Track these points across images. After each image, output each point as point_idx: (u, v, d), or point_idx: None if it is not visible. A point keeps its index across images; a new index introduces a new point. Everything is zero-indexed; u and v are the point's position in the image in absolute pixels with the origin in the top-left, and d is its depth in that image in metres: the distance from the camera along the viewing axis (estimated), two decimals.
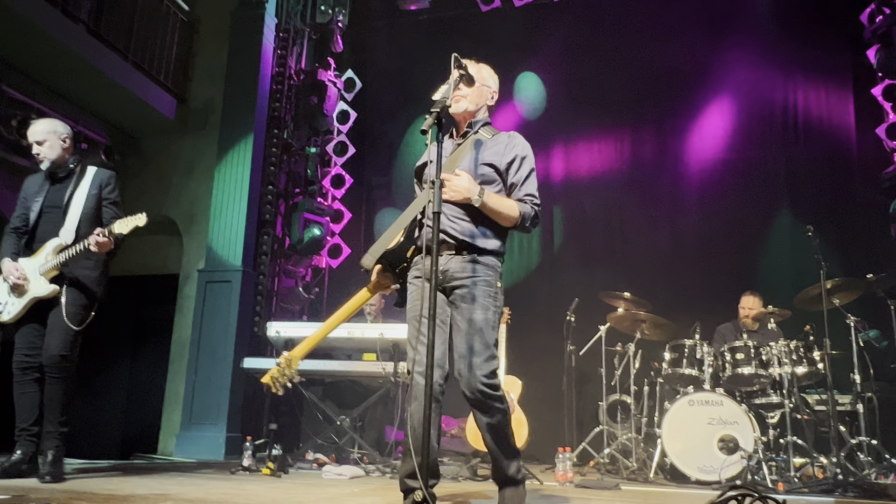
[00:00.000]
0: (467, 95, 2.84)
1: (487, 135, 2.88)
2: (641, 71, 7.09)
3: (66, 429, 3.69)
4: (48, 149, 3.88)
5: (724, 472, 4.46)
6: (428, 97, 2.60)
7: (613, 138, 7.26)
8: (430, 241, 2.66)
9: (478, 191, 2.68)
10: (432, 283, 2.40)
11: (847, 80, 6.59)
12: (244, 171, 6.71)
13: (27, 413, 3.72)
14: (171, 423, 6.43)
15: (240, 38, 7.08)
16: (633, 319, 5.49)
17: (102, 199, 3.87)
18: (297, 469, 4.85)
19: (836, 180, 6.47)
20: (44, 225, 3.81)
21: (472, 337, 2.63)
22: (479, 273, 2.71)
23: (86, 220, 3.79)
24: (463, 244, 2.73)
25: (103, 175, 3.93)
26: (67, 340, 3.65)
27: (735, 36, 6.93)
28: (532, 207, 2.80)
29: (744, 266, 6.52)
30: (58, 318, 3.66)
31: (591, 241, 6.99)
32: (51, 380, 3.66)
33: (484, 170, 2.78)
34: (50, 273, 3.70)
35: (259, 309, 6.70)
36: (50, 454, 3.60)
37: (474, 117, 2.91)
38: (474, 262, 2.72)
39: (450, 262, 2.73)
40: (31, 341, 3.76)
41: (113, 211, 3.86)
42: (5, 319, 3.77)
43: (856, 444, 4.68)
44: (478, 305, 2.67)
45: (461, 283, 2.70)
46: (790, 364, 4.78)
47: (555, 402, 5.90)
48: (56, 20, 5.60)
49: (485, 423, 2.66)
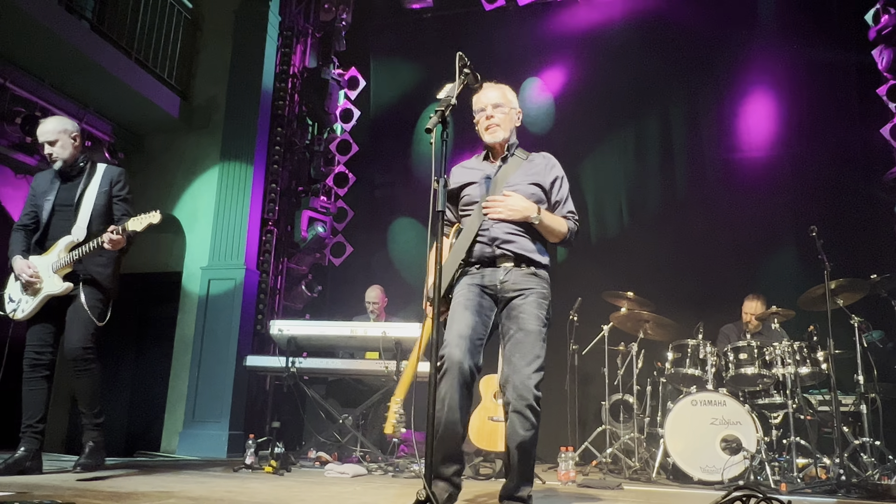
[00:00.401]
0: (501, 123, 2.95)
1: (523, 156, 3.02)
2: (646, 70, 7.07)
3: (100, 419, 3.78)
4: (60, 148, 3.90)
5: (726, 473, 4.46)
6: (432, 95, 2.60)
7: (617, 137, 7.24)
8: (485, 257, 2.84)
9: (535, 209, 2.83)
10: (435, 294, 2.41)
11: (852, 80, 6.57)
12: (247, 169, 6.72)
13: (33, 410, 3.75)
14: (175, 421, 6.44)
15: (243, 36, 7.09)
16: (637, 319, 5.48)
17: (113, 196, 3.90)
18: (299, 467, 4.85)
19: (840, 180, 6.45)
20: (56, 223, 3.84)
21: (525, 346, 2.70)
22: (536, 286, 2.82)
23: (97, 217, 3.82)
24: (521, 259, 2.84)
25: (113, 172, 3.95)
26: (88, 333, 3.72)
27: (739, 36, 6.91)
28: (574, 223, 2.98)
29: (748, 266, 6.50)
30: (78, 313, 3.71)
31: (595, 240, 6.98)
32: (77, 374, 3.74)
33: (534, 189, 2.93)
34: (63, 270, 3.73)
35: (262, 307, 6.71)
36: (87, 447, 3.70)
37: (509, 141, 3.02)
38: (533, 274, 2.84)
39: (509, 274, 2.83)
40: (42, 339, 3.79)
41: (123, 207, 3.90)
42: (19, 317, 3.80)
43: (859, 444, 4.67)
44: (533, 316, 2.75)
45: (519, 292, 2.80)
46: (793, 364, 4.77)
47: (557, 401, 5.89)
48: (60, 17, 5.61)
49: (519, 436, 2.65)
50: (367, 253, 7.56)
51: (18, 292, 3.82)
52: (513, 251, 2.83)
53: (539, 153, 3.06)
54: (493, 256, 2.85)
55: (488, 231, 2.85)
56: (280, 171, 7.08)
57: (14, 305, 3.82)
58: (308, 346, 5.33)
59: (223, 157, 6.80)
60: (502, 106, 2.97)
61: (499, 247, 2.83)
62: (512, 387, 2.67)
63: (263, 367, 5.39)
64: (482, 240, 2.86)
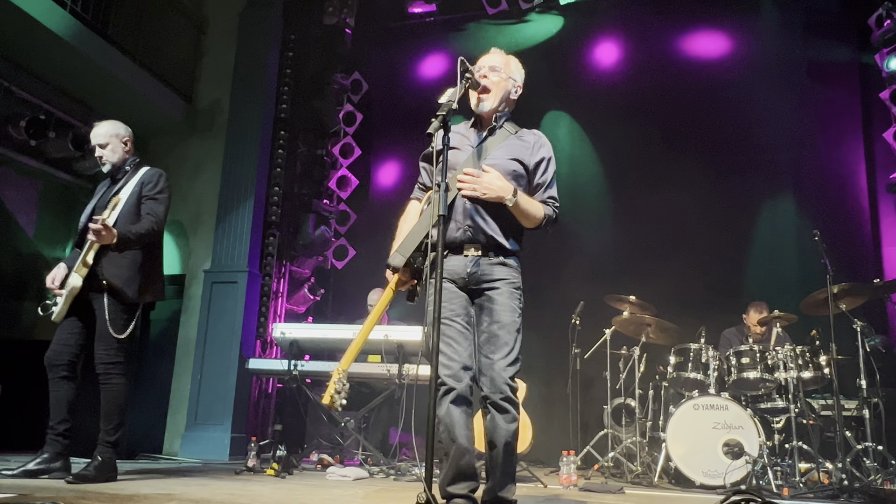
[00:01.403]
0: (491, 88, 2.79)
1: (512, 130, 2.86)
2: (646, 70, 7.08)
3: (112, 438, 3.65)
4: (110, 152, 3.90)
5: (728, 477, 4.45)
6: (434, 99, 2.60)
7: (618, 139, 7.24)
8: (451, 241, 2.68)
9: (512, 190, 2.66)
10: (437, 285, 2.40)
11: (855, 84, 6.57)
12: (251, 172, 6.74)
13: (55, 411, 3.71)
14: (177, 424, 6.45)
15: (247, 40, 7.11)
16: (639, 323, 5.48)
17: (142, 196, 3.83)
18: (301, 470, 4.85)
19: (843, 185, 6.45)
20: None
21: (499, 339, 2.63)
22: (507, 275, 2.72)
23: (124, 217, 3.73)
24: (491, 243, 2.71)
25: (149, 173, 3.91)
26: (112, 348, 3.65)
27: (743, 38, 6.92)
28: (553, 210, 2.81)
29: (750, 270, 6.50)
30: (102, 327, 3.65)
31: (597, 244, 6.97)
32: (102, 387, 3.68)
33: (514, 165, 2.76)
34: (80, 269, 3.65)
35: (264, 310, 6.72)
36: (98, 459, 3.59)
37: (498, 111, 2.86)
38: (502, 263, 2.72)
39: (476, 265, 2.71)
40: (62, 339, 3.76)
41: (149, 206, 3.81)
42: (54, 319, 3.78)
43: (861, 449, 4.66)
44: (505, 307, 2.67)
45: (489, 284, 2.70)
46: (796, 369, 4.76)
47: (559, 405, 5.89)
48: (64, 21, 5.64)
49: (501, 429, 2.59)
50: (370, 256, 7.56)
51: None
52: (481, 236, 2.70)
53: (531, 130, 2.90)
54: (460, 241, 2.71)
55: (459, 208, 2.70)
56: (283, 175, 7.10)
57: (53, 308, 3.82)
58: (310, 349, 5.33)
59: (226, 161, 6.82)
60: (499, 70, 2.81)
61: (468, 228, 2.68)
62: (488, 380, 2.61)
63: (266, 370, 5.39)
64: (451, 217, 2.68)
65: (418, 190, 3.06)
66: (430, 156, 2.80)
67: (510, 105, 2.91)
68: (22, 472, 3.57)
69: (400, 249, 2.74)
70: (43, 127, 5.94)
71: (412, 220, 2.94)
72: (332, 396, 2.60)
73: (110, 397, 3.67)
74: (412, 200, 3.05)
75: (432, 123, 2.46)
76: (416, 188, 3.07)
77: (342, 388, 2.60)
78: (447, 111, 2.51)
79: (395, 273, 2.74)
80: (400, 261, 2.71)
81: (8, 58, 5.72)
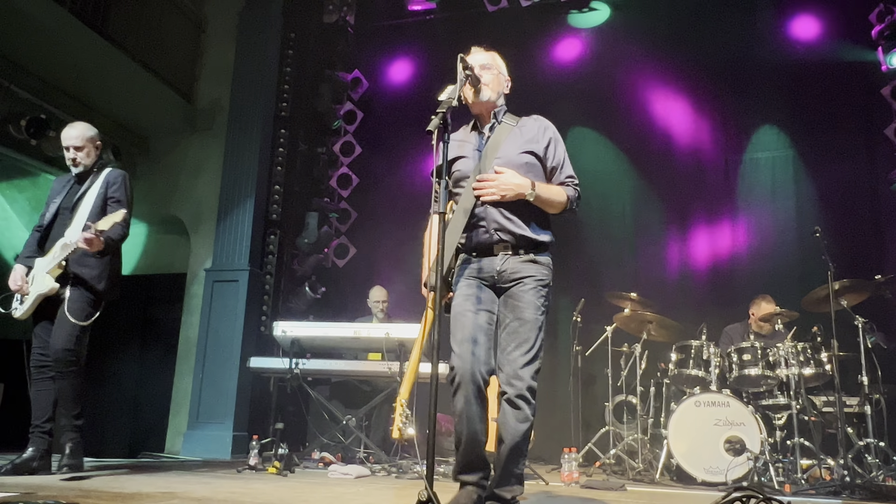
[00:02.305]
0: (489, 83, 2.81)
1: (512, 122, 2.88)
2: (646, 70, 7.07)
3: (80, 421, 3.77)
4: (84, 155, 3.97)
5: (730, 474, 4.45)
6: (434, 97, 2.60)
7: (620, 137, 7.24)
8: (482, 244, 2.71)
9: (529, 184, 2.69)
10: (437, 283, 2.40)
11: (855, 80, 6.55)
12: (251, 170, 6.74)
13: (41, 410, 3.79)
14: (179, 422, 6.46)
15: (247, 38, 7.11)
16: (640, 320, 5.47)
17: (108, 198, 3.90)
18: (303, 468, 4.86)
19: (844, 180, 6.44)
20: (56, 226, 3.90)
21: (521, 336, 2.62)
22: (535, 272, 2.72)
23: (92, 219, 3.80)
24: (521, 241, 2.72)
25: (112, 175, 3.98)
26: (72, 335, 3.71)
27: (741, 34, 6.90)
28: (575, 189, 2.83)
29: (751, 267, 6.49)
30: (61, 314, 3.72)
31: (598, 241, 6.96)
32: (59, 375, 3.74)
33: (527, 158, 2.79)
34: (54, 271, 3.76)
35: (266, 308, 6.73)
36: (68, 447, 3.71)
37: (496, 106, 2.89)
38: (532, 261, 2.73)
39: (507, 263, 2.72)
40: (44, 339, 3.83)
41: (116, 209, 3.84)
42: (17, 316, 3.87)
43: (863, 445, 4.66)
44: (530, 304, 2.67)
45: (517, 281, 2.70)
46: (797, 365, 4.76)
47: (561, 402, 5.89)
48: (64, 20, 5.64)
49: (511, 427, 2.58)
50: (371, 254, 7.56)
51: None
52: (510, 236, 2.71)
53: (530, 116, 2.91)
54: (489, 243, 2.72)
55: (483, 214, 2.72)
56: (283, 173, 7.10)
57: (16, 305, 3.91)
58: (311, 348, 5.33)
59: (227, 159, 6.82)
60: (490, 68, 2.85)
61: (496, 231, 2.70)
62: (505, 376, 2.60)
63: (267, 368, 5.40)
64: (478, 223, 2.72)
65: (435, 203, 3.06)
66: (440, 170, 2.83)
67: (502, 98, 2.94)
68: (11, 468, 3.61)
69: (434, 269, 2.75)
70: (43, 126, 5.95)
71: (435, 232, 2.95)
72: (400, 429, 2.59)
73: (72, 383, 3.74)
74: (434, 215, 3.06)
75: (432, 121, 2.46)
76: (433, 202, 3.07)
77: (408, 419, 2.60)
78: (447, 108, 2.51)
79: (433, 292, 2.75)
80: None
81: (7, 57, 5.72)
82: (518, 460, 2.62)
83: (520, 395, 2.58)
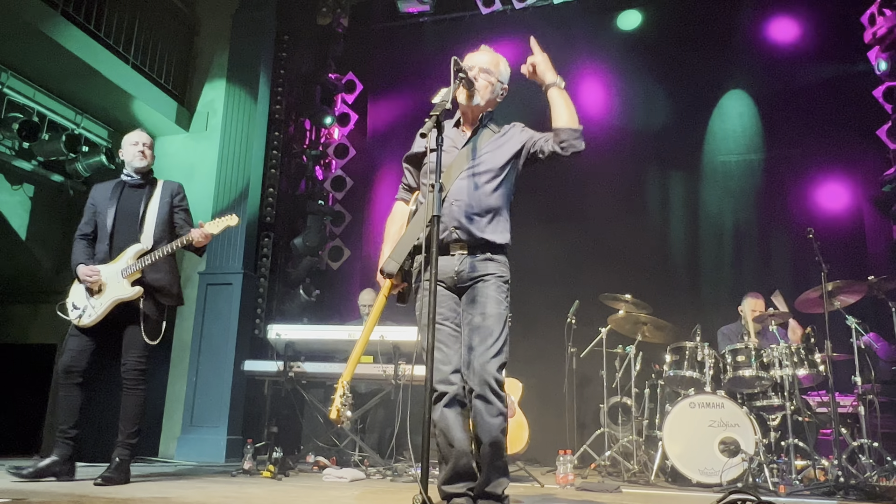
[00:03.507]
0: (481, 90, 2.82)
1: (496, 129, 2.89)
2: (640, 75, 7.09)
3: (134, 440, 3.87)
4: (151, 155, 4.21)
5: (725, 475, 4.45)
6: (428, 99, 2.60)
7: (615, 141, 7.25)
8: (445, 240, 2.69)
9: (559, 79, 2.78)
10: (432, 287, 2.40)
11: (848, 82, 6.58)
12: (245, 173, 6.73)
13: (67, 416, 3.86)
14: (173, 426, 6.42)
15: (241, 41, 7.10)
16: (634, 322, 5.48)
17: (174, 207, 4.16)
18: (297, 472, 4.84)
19: (837, 181, 6.47)
20: (118, 233, 4.01)
21: (485, 330, 2.62)
22: (494, 270, 2.73)
23: (160, 226, 4.05)
24: (479, 242, 2.72)
25: (173, 185, 4.24)
26: (144, 356, 3.91)
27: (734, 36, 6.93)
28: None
29: (745, 268, 6.51)
30: (135, 334, 3.89)
31: (592, 242, 6.97)
32: (128, 391, 3.89)
33: (506, 157, 2.83)
34: (133, 276, 3.90)
35: (259, 311, 6.71)
36: (114, 461, 3.76)
37: (483, 111, 2.91)
38: (490, 259, 2.73)
39: (464, 262, 2.72)
40: (82, 345, 3.91)
41: (184, 216, 4.18)
42: (85, 322, 3.91)
43: (857, 446, 4.67)
44: (491, 300, 2.67)
45: (477, 278, 2.70)
46: (791, 366, 4.77)
47: (556, 404, 5.89)
48: (57, 23, 5.61)
49: (486, 424, 2.55)
50: (365, 257, 7.56)
51: (83, 299, 3.94)
52: (468, 236, 2.70)
53: (510, 124, 2.93)
54: (446, 242, 2.70)
55: (447, 210, 2.70)
56: (277, 176, 7.09)
57: (79, 312, 3.93)
58: (306, 351, 5.32)
59: (221, 162, 6.80)
60: (489, 73, 2.84)
61: (455, 230, 2.69)
62: (473, 372, 2.58)
63: (261, 371, 5.38)
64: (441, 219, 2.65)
65: (403, 191, 3.07)
66: (414, 157, 2.87)
67: (494, 105, 2.95)
68: (34, 472, 3.67)
69: (393, 255, 2.76)
70: (36, 129, 5.93)
71: (399, 221, 2.97)
72: (339, 410, 2.57)
73: (136, 402, 3.90)
74: (398, 201, 3.07)
75: (426, 124, 2.46)
76: (401, 188, 3.08)
77: (347, 401, 2.59)
78: (441, 111, 2.51)
79: (389, 279, 2.74)
80: (394, 267, 2.73)
81: (0, 60, 5.70)
82: (499, 453, 2.60)
83: (491, 389, 2.56)
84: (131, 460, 3.87)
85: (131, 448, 3.85)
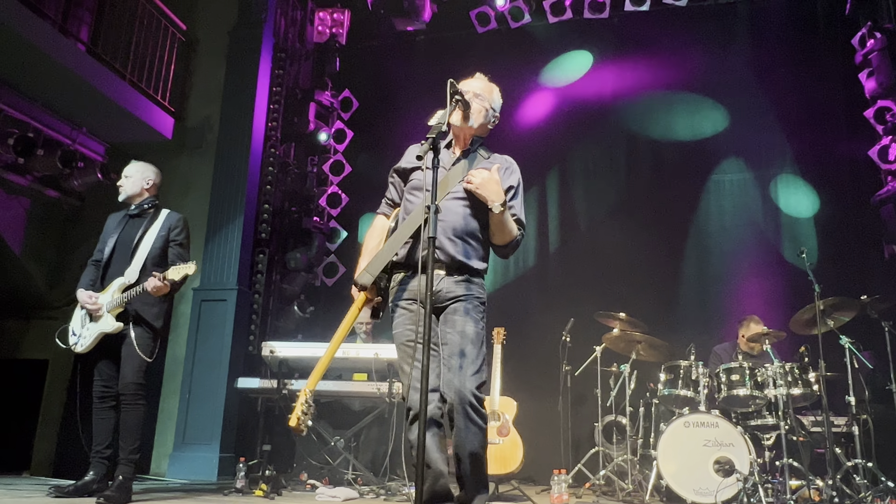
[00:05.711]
0: (474, 114, 2.84)
1: (485, 155, 2.91)
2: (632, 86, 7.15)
3: (136, 456, 3.91)
4: (130, 184, 4.18)
5: (720, 495, 4.44)
6: (424, 117, 2.62)
7: (608, 159, 7.29)
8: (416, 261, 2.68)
9: (503, 200, 2.72)
10: (426, 307, 2.40)
11: (839, 102, 6.64)
12: (240, 189, 6.72)
13: (101, 437, 3.97)
14: (165, 444, 6.37)
15: (237, 58, 7.13)
16: (629, 340, 5.48)
17: (170, 241, 4.10)
18: (290, 490, 4.81)
19: (828, 201, 6.51)
20: (114, 262, 4.04)
21: (464, 349, 2.64)
22: (471, 291, 2.76)
23: (152, 259, 4.02)
24: (456, 264, 2.74)
25: (173, 218, 4.18)
26: (140, 369, 3.91)
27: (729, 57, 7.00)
28: (521, 234, 2.88)
29: (739, 287, 6.53)
30: (131, 350, 3.89)
31: (587, 261, 6.98)
32: (126, 407, 3.91)
33: None
34: (115, 310, 3.90)
35: (254, 328, 6.68)
36: (119, 479, 3.80)
37: (474, 135, 2.94)
38: (467, 281, 2.76)
39: (441, 283, 2.73)
40: (108, 373, 4.00)
41: (177, 251, 4.09)
42: (79, 350, 3.99)
43: (851, 466, 4.67)
44: (470, 319, 2.70)
45: (454, 299, 2.72)
46: (785, 385, 4.77)
47: (550, 423, 5.87)
48: (54, 39, 5.63)
49: (465, 442, 2.58)
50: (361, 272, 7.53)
51: (79, 326, 3.99)
52: (448, 258, 2.73)
53: (502, 156, 2.96)
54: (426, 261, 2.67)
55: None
56: (273, 192, 7.10)
57: (76, 339, 4.00)
58: (300, 368, 5.30)
59: (216, 178, 6.80)
60: (482, 98, 2.88)
61: (436, 249, 2.62)
62: (453, 390, 2.60)
63: (255, 388, 5.35)
64: (419, 238, 2.65)
65: (385, 205, 3.08)
66: (401, 171, 2.86)
67: (485, 132, 2.97)
68: (73, 490, 3.83)
69: (369, 268, 2.77)
70: (31, 145, 5.92)
71: (378, 236, 2.97)
72: (299, 418, 2.55)
73: (134, 418, 3.92)
74: (379, 215, 3.07)
75: (422, 146, 2.47)
76: (384, 203, 3.08)
77: (308, 410, 2.57)
78: (437, 133, 2.52)
79: (363, 291, 2.75)
80: (368, 279, 2.74)
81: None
82: (480, 469, 2.63)
83: (471, 405, 2.59)
84: (133, 478, 3.90)
85: (133, 465, 3.88)
